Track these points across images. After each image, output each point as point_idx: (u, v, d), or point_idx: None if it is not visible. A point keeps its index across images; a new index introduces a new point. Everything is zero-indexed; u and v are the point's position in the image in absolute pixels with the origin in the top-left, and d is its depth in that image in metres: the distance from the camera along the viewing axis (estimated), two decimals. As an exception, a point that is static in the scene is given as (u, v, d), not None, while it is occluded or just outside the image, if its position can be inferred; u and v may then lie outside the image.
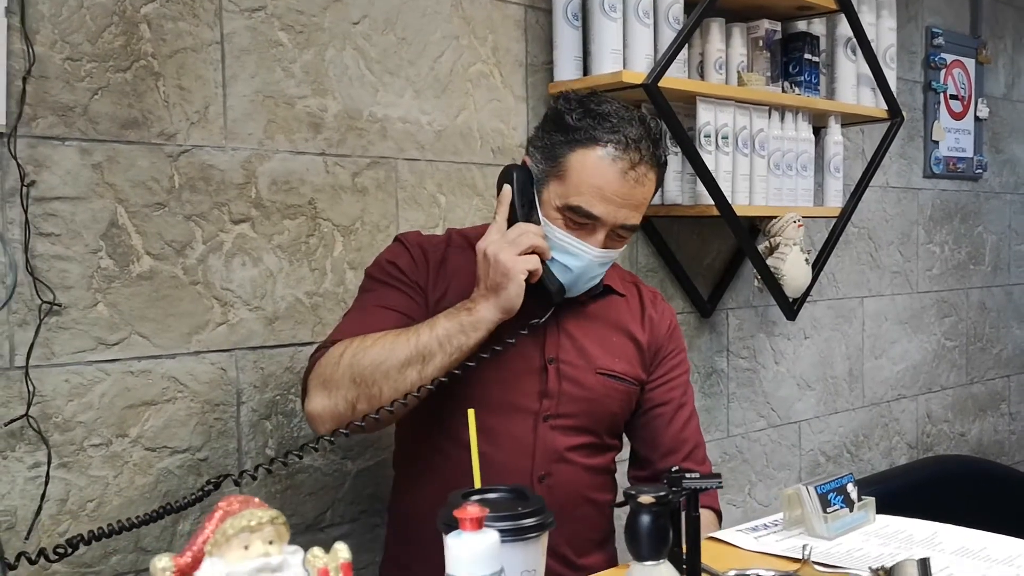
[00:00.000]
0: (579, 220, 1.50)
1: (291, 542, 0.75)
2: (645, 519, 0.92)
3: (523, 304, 1.47)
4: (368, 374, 1.44)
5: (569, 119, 1.51)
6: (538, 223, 1.52)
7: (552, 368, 1.60)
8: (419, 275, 1.61)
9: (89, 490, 1.64)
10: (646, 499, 0.92)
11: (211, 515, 0.70)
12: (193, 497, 1.30)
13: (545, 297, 1.53)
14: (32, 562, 1.15)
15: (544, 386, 1.59)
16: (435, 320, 1.47)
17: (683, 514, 1.08)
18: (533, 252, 1.47)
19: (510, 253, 1.45)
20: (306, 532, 1.90)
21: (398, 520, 1.73)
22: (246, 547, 0.70)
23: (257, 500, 0.73)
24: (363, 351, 1.46)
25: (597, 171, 1.48)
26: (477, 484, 1.06)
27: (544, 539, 0.97)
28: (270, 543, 0.71)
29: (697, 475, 1.08)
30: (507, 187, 1.53)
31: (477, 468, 1.07)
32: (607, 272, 1.66)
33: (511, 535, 0.94)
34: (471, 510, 0.80)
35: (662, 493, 0.93)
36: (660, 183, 1.59)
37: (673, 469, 1.07)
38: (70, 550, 1.16)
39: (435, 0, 2.07)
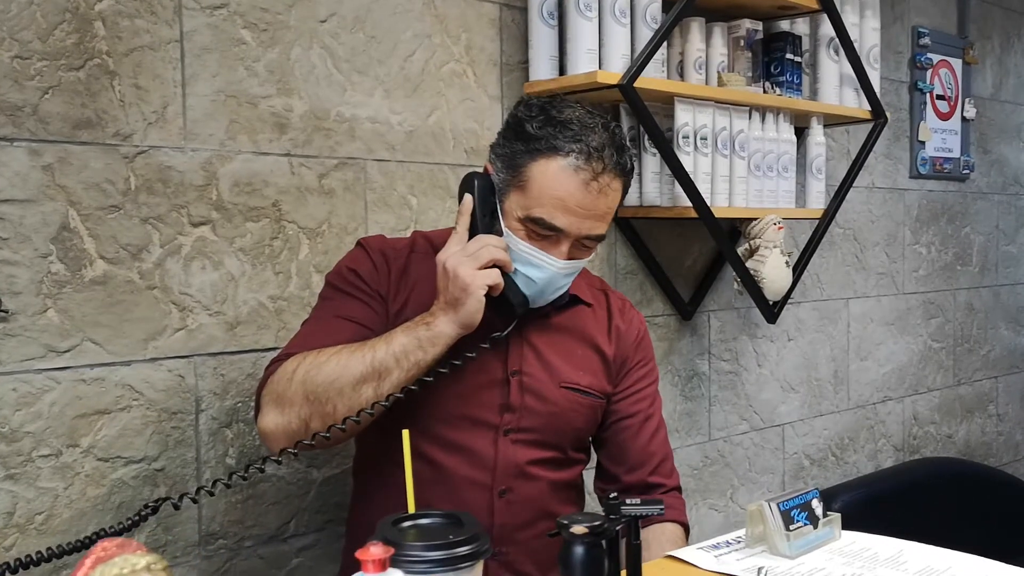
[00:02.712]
0: (542, 232, 1.46)
1: (255, 553, 0.70)
2: (578, 551, 0.87)
3: (485, 316, 1.43)
4: (322, 391, 1.39)
5: (530, 127, 1.46)
6: (500, 234, 1.48)
7: (515, 381, 1.55)
8: (380, 283, 1.57)
9: (38, 502, 1.60)
10: (579, 529, 0.88)
11: (82, 561, 0.65)
12: (129, 522, 1.25)
13: (507, 310, 1.48)
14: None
15: (506, 399, 1.55)
16: (392, 335, 1.43)
17: (623, 542, 1.04)
18: (494, 266, 1.43)
19: (469, 267, 1.41)
20: (269, 543, 1.86)
21: (354, 531, 1.68)
22: (119, 596, 0.65)
23: (136, 542, 0.68)
24: (317, 367, 1.41)
25: (559, 182, 1.43)
26: (411, 509, 1.02)
27: (479, 568, 0.93)
28: (147, 590, 0.66)
29: (638, 501, 1.03)
30: (468, 196, 1.49)
31: (411, 492, 1.02)
32: (574, 280, 1.62)
33: (443, 565, 0.90)
34: (373, 551, 0.76)
35: (596, 523, 0.89)
36: (626, 190, 1.54)
37: (611, 495, 1.02)
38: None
39: (405, -3, 2.03)
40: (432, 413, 1.51)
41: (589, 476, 1.74)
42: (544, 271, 1.47)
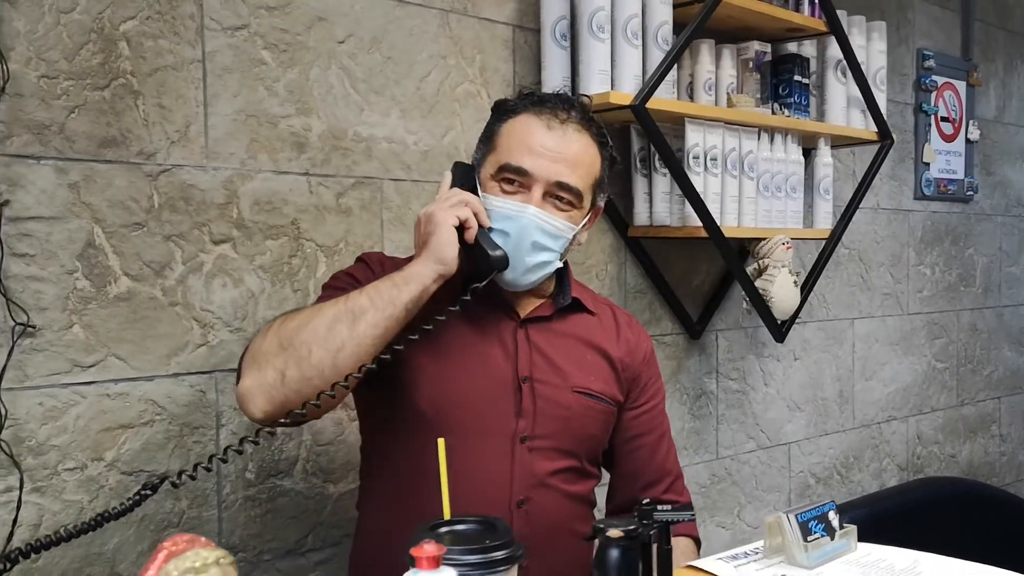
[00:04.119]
0: (511, 178, 1.50)
1: (274, 566, 0.72)
2: (614, 553, 0.90)
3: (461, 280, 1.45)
4: (295, 335, 1.37)
5: (505, 105, 1.57)
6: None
7: (526, 387, 1.55)
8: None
9: (63, 515, 1.61)
10: (615, 533, 0.90)
11: (154, 555, 0.68)
12: (131, 502, 1.25)
13: (486, 264, 1.46)
14: None
15: (518, 406, 1.54)
16: (368, 285, 1.43)
17: (654, 547, 1.06)
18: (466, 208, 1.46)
19: (439, 206, 1.44)
20: (287, 556, 1.87)
21: (360, 568, 1.66)
22: (190, 590, 0.68)
23: (204, 539, 0.71)
24: (291, 318, 1.41)
25: (523, 129, 1.51)
26: (447, 515, 1.04)
27: (513, 572, 0.95)
28: (217, 585, 0.69)
29: (669, 507, 1.06)
30: (447, 173, 1.55)
31: (447, 498, 1.04)
32: (576, 287, 1.64)
33: (479, 568, 0.92)
34: (427, 548, 0.78)
35: (631, 527, 0.91)
36: (605, 159, 1.57)
37: (644, 501, 1.05)
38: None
39: (422, 19, 2.06)
40: (445, 424, 1.49)
41: (600, 494, 1.75)
42: (517, 220, 1.48)
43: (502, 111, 1.57)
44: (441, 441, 1.06)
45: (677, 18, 2.26)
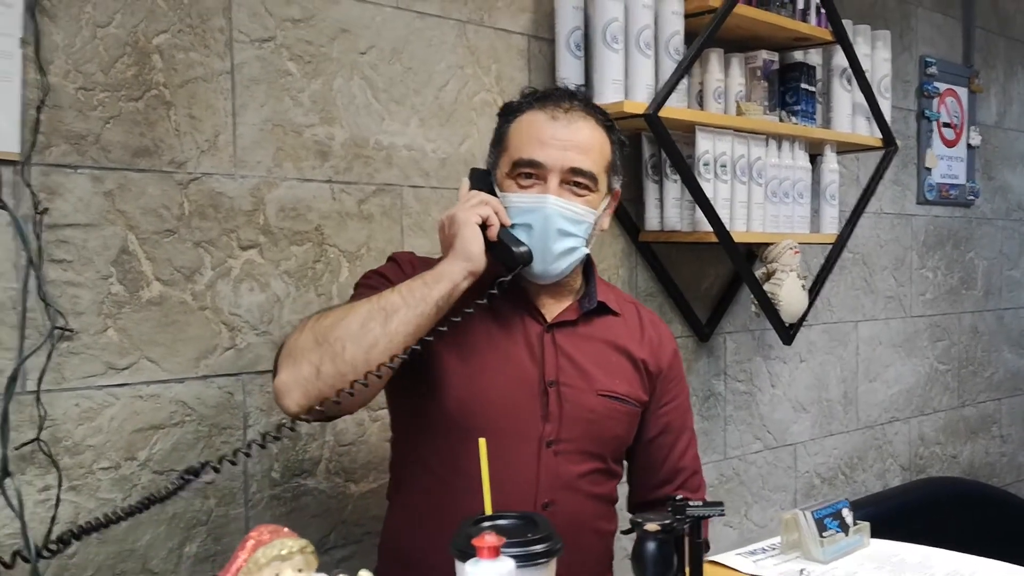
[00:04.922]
0: (526, 172, 1.54)
1: None
2: (651, 546, 0.95)
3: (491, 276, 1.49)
4: (330, 332, 1.41)
5: (510, 107, 1.62)
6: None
7: (552, 391, 1.58)
8: (403, 279, 1.56)
9: (98, 512, 1.65)
10: (652, 527, 0.95)
11: (243, 544, 0.73)
12: (174, 487, 1.30)
13: (511, 260, 1.51)
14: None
15: (545, 409, 1.57)
16: (400, 284, 1.47)
17: (687, 540, 1.12)
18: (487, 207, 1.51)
19: (461, 207, 1.50)
20: (309, 554, 1.92)
21: (394, 557, 1.68)
22: (277, 575, 0.73)
23: (287, 530, 0.76)
24: (326, 316, 1.46)
25: (531, 125, 1.56)
26: (488, 511, 1.09)
27: (553, 565, 1.00)
28: (299, 571, 0.74)
29: (700, 503, 1.11)
30: (464, 180, 1.59)
31: (488, 493, 1.09)
32: (601, 289, 1.67)
33: (521, 561, 0.97)
34: (489, 539, 0.83)
35: (667, 521, 0.96)
36: (614, 144, 1.61)
37: (678, 498, 1.10)
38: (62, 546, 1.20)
39: (440, 31, 2.11)
40: (471, 423, 1.52)
41: (622, 491, 1.79)
42: (537, 212, 1.52)
43: (508, 112, 1.62)
44: (482, 441, 1.10)
45: (688, 28, 2.32)
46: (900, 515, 3.13)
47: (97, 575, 1.66)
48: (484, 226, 1.49)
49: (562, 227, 1.53)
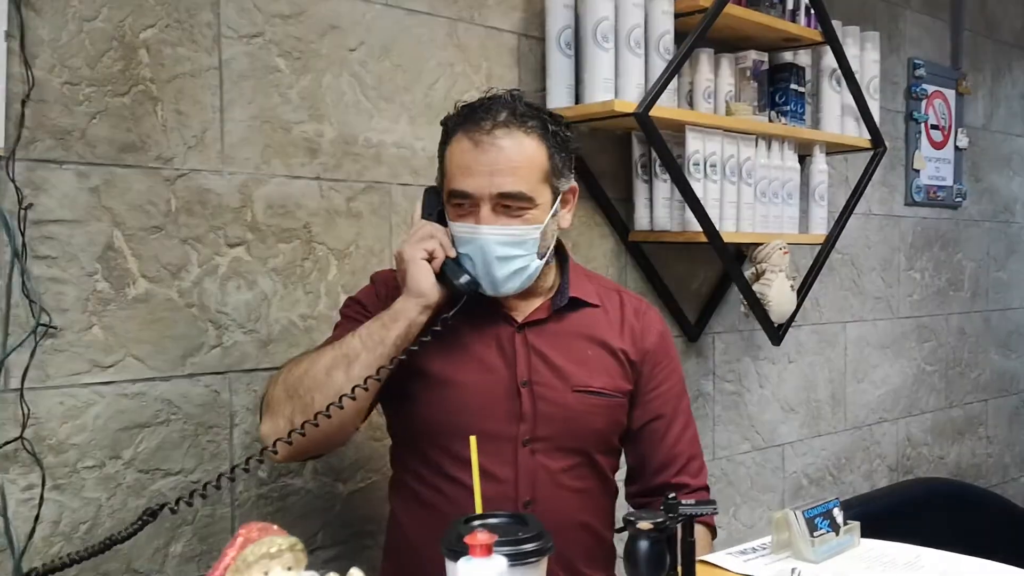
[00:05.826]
0: (459, 202, 1.55)
1: None
2: (643, 544, 0.94)
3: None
4: (298, 384, 1.49)
5: (446, 127, 1.61)
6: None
7: (526, 391, 1.58)
8: (377, 308, 1.61)
9: (82, 512, 1.65)
10: (645, 525, 0.95)
11: (232, 541, 0.72)
12: (133, 528, 1.32)
13: (455, 292, 1.54)
14: None
15: (519, 410, 1.58)
16: (361, 326, 1.53)
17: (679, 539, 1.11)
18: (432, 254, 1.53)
19: (409, 243, 1.53)
20: (296, 554, 1.91)
21: (395, 554, 1.71)
22: (266, 573, 0.72)
23: (276, 528, 0.75)
24: (295, 366, 1.53)
25: (458, 152, 1.55)
26: (479, 509, 1.08)
27: (544, 564, 0.99)
28: (288, 569, 0.73)
29: (693, 501, 1.10)
30: (418, 203, 1.62)
31: (479, 493, 1.09)
32: (576, 283, 1.66)
33: (512, 560, 0.96)
34: (481, 537, 0.82)
35: (660, 519, 0.95)
36: (553, 145, 1.57)
37: (670, 496, 1.09)
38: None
39: (430, 28, 2.10)
40: (448, 430, 1.56)
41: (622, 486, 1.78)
42: (474, 242, 1.53)
43: (444, 134, 1.61)
44: (473, 438, 1.10)
45: (678, 28, 2.31)
46: (888, 516, 3.13)
47: (81, 575, 1.64)
48: (432, 258, 1.53)
49: (501, 253, 1.54)
